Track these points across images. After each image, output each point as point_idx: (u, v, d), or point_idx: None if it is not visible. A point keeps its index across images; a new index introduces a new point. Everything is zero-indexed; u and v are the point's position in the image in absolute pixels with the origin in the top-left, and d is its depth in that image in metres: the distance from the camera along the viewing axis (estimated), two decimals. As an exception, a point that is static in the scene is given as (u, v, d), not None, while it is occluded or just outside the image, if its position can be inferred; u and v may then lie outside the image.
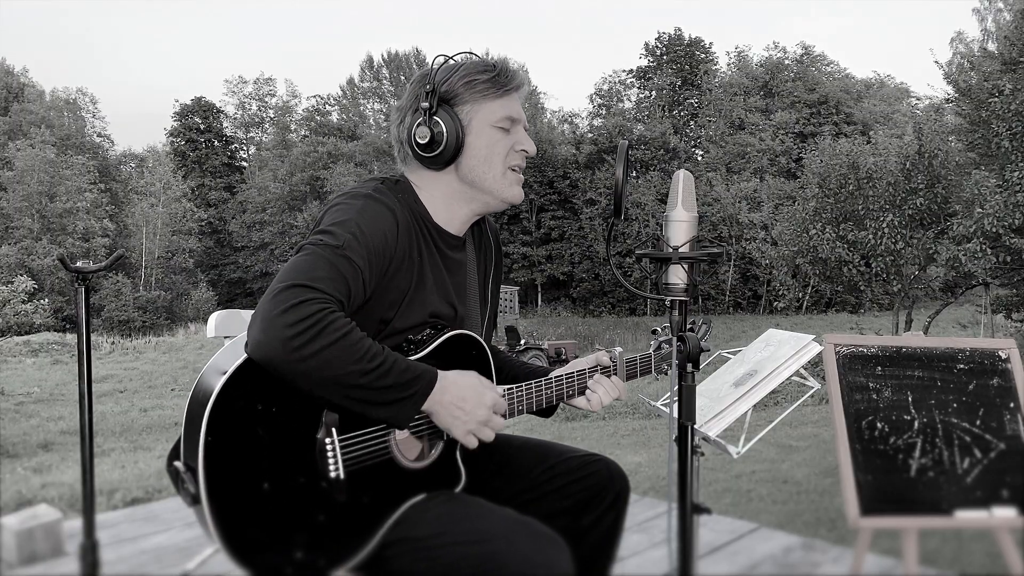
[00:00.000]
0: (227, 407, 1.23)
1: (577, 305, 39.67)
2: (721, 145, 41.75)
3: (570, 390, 1.60)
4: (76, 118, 44.75)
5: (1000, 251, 12.15)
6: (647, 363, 1.72)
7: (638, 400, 11.29)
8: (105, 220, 38.57)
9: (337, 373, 1.21)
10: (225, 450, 1.22)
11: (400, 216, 1.42)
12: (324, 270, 1.27)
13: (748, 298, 38.24)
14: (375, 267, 1.35)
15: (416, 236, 1.46)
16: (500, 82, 1.49)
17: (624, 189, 1.31)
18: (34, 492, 4.02)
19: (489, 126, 1.48)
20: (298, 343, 1.18)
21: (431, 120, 1.45)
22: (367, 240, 1.34)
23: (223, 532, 1.21)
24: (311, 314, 1.19)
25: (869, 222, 14.04)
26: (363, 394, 1.24)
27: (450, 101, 1.47)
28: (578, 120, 47.26)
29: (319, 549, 1.28)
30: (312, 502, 1.28)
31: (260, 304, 1.23)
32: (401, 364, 1.28)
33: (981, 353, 1.91)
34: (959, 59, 25.04)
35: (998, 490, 1.73)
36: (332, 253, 1.30)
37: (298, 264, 1.28)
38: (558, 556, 1.29)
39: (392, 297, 1.41)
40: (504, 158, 1.51)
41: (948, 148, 14.44)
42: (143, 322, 34.79)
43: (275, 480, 1.26)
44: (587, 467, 1.58)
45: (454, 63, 1.50)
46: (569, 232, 39.59)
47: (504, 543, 1.27)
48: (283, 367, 1.20)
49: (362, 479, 1.33)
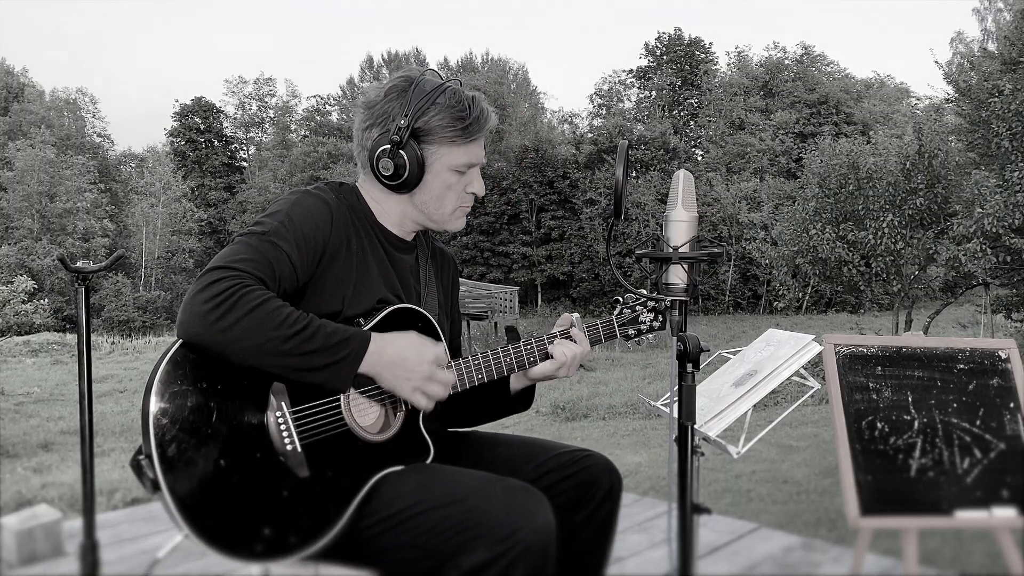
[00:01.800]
0: (170, 391, 1.25)
1: (577, 305, 39.64)
2: (721, 145, 41.73)
3: (531, 356, 1.60)
4: (76, 118, 44.70)
5: (1000, 251, 12.14)
6: (609, 327, 1.71)
7: (638, 400, 11.29)
8: (105, 220, 38.54)
9: (258, 341, 1.24)
10: (175, 433, 1.23)
11: (335, 208, 1.47)
12: (246, 254, 1.33)
13: (748, 298, 38.22)
14: (305, 253, 1.39)
15: (355, 230, 1.50)
16: (470, 131, 1.53)
17: (624, 189, 1.31)
18: (34, 492, 4.02)
19: (448, 169, 1.54)
20: (214, 316, 1.23)
21: (396, 154, 1.49)
22: (295, 227, 1.39)
23: (186, 514, 1.21)
24: (225, 289, 1.25)
25: (869, 222, 14.03)
26: (293, 361, 1.27)
27: (419, 138, 1.51)
28: (578, 120, 47.27)
29: (287, 525, 1.27)
30: (272, 477, 1.28)
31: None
32: (327, 328, 1.31)
33: (981, 353, 1.91)
34: (959, 59, 25.06)
35: (998, 490, 1.73)
36: (257, 239, 1.36)
37: (222, 252, 1.34)
38: (537, 504, 1.30)
39: (334, 288, 1.44)
40: (456, 199, 1.57)
41: (948, 148, 14.42)
42: (143, 322, 34.76)
43: (231, 458, 1.26)
44: (577, 463, 1.58)
45: (433, 95, 1.50)
46: (569, 232, 39.55)
47: (480, 499, 1.29)
48: (208, 342, 1.25)
49: (323, 452, 1.33)
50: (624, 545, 2.65)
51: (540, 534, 1.26)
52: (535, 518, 1.27)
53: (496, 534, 1.24)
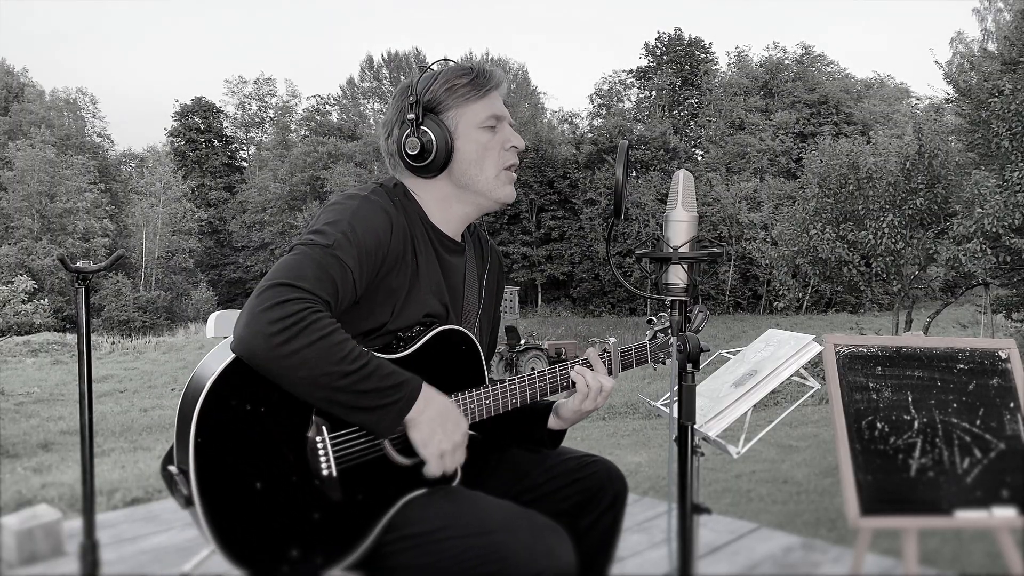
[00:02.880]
0: (217, 407, 1.24)
1: (577, 305, 39.66)
2: (721, 145, 41.74)
3: (553, 384, 1.53)
4: (76, 118, 44.73)
5: (1000, 251, 12.16)
6: (643, 353, 1.67)
7: (638, 400, 11.28)
8: (105, 220, 38.56)
9: (317, 373, 1.21)
10: (216, 451, 1.23)
11: (395, 217, 1.42)
12: (311, 269, 1.28)
13: (748, 298, 38.23)
14: (366, 267, 1.35)
15: (412, 237, 1.46)
16: (479, 83, 1.51)
17: (624, 189, 1.31)
18: (34, 492, 4.02)
19: (475, 128, 1.50)
20: (279, 339, 1.19)
21: (419, 131, 1.47)
22: (358, 239, 1.35)
23: (217, 533, 1.21)
24: (294, 312, 1.21)
25: (869, 222, 14.04)
26: (343, 397, 1.24)
27: (434, 109, 1.49)
28: (578, 120, 47.33)
29: (315, 547, 1.28)
30: (306, 500, 1.28)
31: (247, 302, 1.25)
32: (385, 368, 1.27)
33: (981, 353, 1.91)
34: (959, 59, 25.05)
35: (998, 490, 1.73)
36: (321, 253, 1.30)
37: (287, 263, 1.29)
38: (560, 546, 1.29)
39: (386, 298, 1.41)
40: (497, 159, 1.52)
41: (948, 148, 14.43)
42: (143, 322, 34.78)
43: (267, 479, 1.26)
44: (584, 468, 1.57)
45: (432, 72, 1.52)
46: (569, 232, 39.57)
47: (506, 534, 1.28)
48: (265, 364, 1.21)
49: (355, 476, 1.32)
50: (624, 545, 2.64)
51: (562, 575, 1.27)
52: (559, 559, 1.27)
53: (520, 572, 1.24)
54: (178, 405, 1.29)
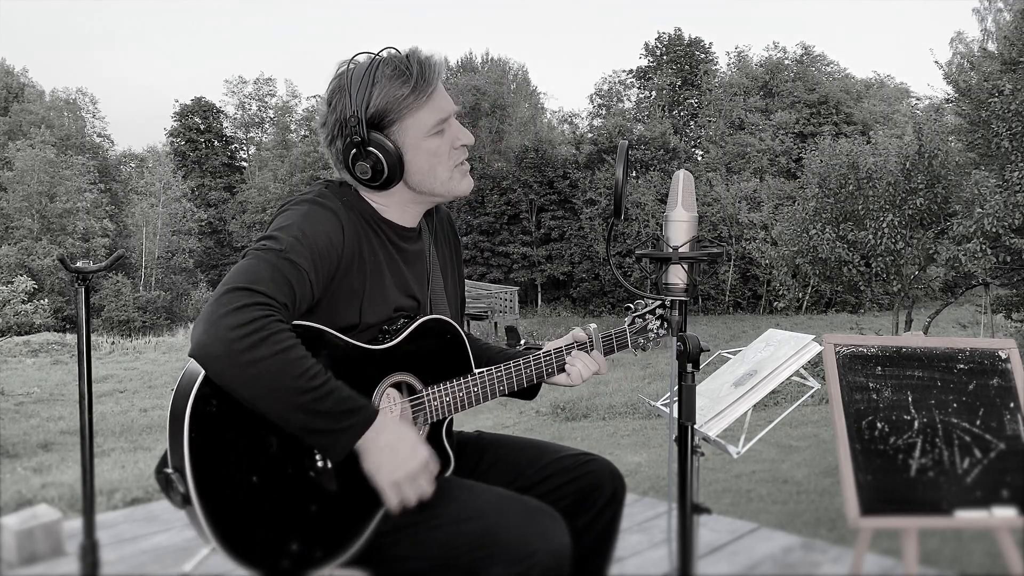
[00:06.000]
0: (209, 403, 1.24)
1: (577, 305, 39.63)
2: (721, 145, 41.72)
3: (549, 368, 1.60)
4: (76, 118, 44.71)
5: (1000, 251, 12.15)
6: (623, 338, 1.69)
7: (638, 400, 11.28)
8: (105, 220, 38.55)
9: (273, 386, 1.19)
10: (211, 446, 1.23)
11: (344, 217, 1.41)
12: (267, 272, 1.27)
13: (748, 298, 38.20)
14: (321, 269, 1.34)
15: (365, 235, 1.45)
16: (421, 88, 1.43)
17: (624, 189, 1.31)
18: (34, 492, 4.03)
19: (424, 138, 1.45)
20: (241, 346, 1.18)
21: (367, 155, 1.42)
22: (310, 242, 1.33)
23: (216, 529, 1.21)
24: (255, 319, 1.19)
25: (869, 222, 14.03)
26: (296, 417, 1.22)
27: (379, 125, 1.42)
28: (578, 120, 47.26)
29: (314, 540, 1.28)
30: (303, 493, 1.29)
31: (205, 307, 1.23)
32: (342, 392, 1.25)
33: (981, 353, 1.91)
34: (959, 59, 25.06)
35: (998, 490, 1.73)
36: (275, 257, 1.29)
37: (242, 268, 1.28)
38: (554, 528, 1.30)
39: (349, 299, 1.41)
40: (447, 161, 1.49)
41: (948, 148, 14.41)
42: (143, 322, 34.76)
43: (263, 473, 1.26)
44: (581, 467, 1.57)
45: (368, 77, 1.41)
46: (569, 232, 39.54)
47: (498, 517, 1.28)
48: (223, 370, 1.20)
49: (350, 467, 1.32)
50: (624, 545, 2.65)
51: (556, 556, 1.27)
52: (552, 540, 1.27)
53: (513, 554, 1.24)
54: (170, 402, 1.28)
